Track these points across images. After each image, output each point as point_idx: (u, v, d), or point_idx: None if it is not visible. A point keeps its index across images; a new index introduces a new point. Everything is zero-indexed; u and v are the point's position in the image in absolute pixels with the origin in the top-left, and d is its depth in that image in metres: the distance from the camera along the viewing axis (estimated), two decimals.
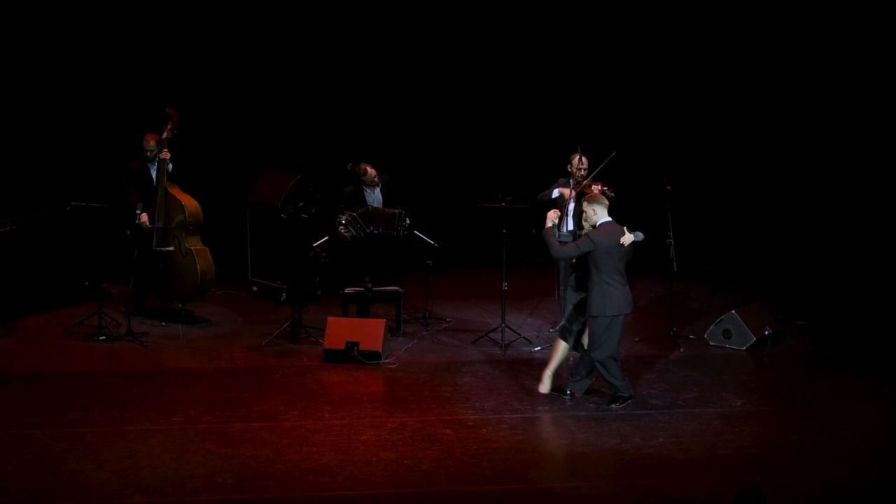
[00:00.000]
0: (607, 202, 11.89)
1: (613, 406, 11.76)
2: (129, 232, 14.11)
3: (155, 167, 14.44)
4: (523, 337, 13.97)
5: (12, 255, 14.51)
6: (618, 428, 11.25)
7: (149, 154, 14.47)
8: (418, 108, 17.76)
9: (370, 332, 13.23)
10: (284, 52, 17.36)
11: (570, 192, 13.69)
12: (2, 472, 10.06)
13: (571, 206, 13.74)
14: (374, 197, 14.43)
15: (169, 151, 14.28)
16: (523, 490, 9.94)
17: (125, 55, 16.91)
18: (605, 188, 13.58)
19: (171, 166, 14.33)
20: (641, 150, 17.32)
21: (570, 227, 13.81)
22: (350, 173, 14.47)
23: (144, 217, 14.27)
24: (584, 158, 13.78)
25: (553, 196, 13.88)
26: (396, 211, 14.12)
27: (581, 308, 11.89)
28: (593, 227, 11.70)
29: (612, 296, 11.56)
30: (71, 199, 14.54)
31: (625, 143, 16.91)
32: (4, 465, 10.22)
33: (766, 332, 13.91)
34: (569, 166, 13.87)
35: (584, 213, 11.87)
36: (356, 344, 13.10)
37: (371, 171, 14.41)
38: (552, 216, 12.04)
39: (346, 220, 14.07)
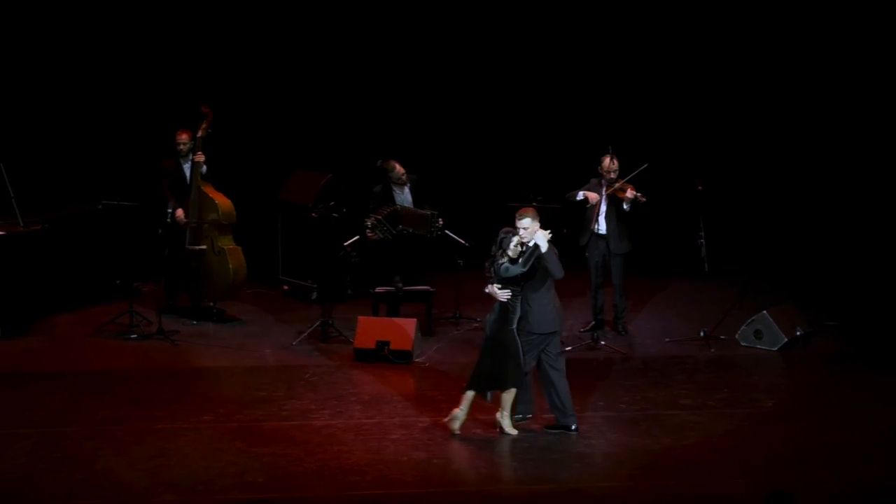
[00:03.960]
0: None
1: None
2: (160, 230, 14.16)
3: (188, 165, 14.47)
4: None
5: (44, 253, 14.53)
6: (648, 428, 11.22)
7: (181, 148, 14.48)
8: (449, 108, 17.73)
9: (401, 331, 13.23)
10: (316, 52, 17.38)
11: (599, 195, 13.69)
12: (32, 470, 10.11)
13: (604, 208, 13.72)
14: (404, 197, 14.42)
15: (203, 154, 14.30)
16: (553, 490, 9.93)
17: (158, 53, 16.96)
18: (638, 193, 13.54)
19: (205, 168, 14.35)
20: (673, 151, 17.27)
21: (603, 229, 13.78)
22: (378, 170, 14.47)
23: (180, 212, 14.31)
24: (615, 160, 13.74)
25: (578, 198, 13.83)
26: (428, 212, 14.11)
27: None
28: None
29: None
30: (103, 198, 14.61)
31: (657, 143, 16.98)
32: (35, 462, 10.26)
33: (798, 333, 13.84)
34: (599, 167, 13.83)
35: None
36: (387, 343, 13.10)
37: (399, 167, 14.39)
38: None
39: (371, 223, 14.04)
